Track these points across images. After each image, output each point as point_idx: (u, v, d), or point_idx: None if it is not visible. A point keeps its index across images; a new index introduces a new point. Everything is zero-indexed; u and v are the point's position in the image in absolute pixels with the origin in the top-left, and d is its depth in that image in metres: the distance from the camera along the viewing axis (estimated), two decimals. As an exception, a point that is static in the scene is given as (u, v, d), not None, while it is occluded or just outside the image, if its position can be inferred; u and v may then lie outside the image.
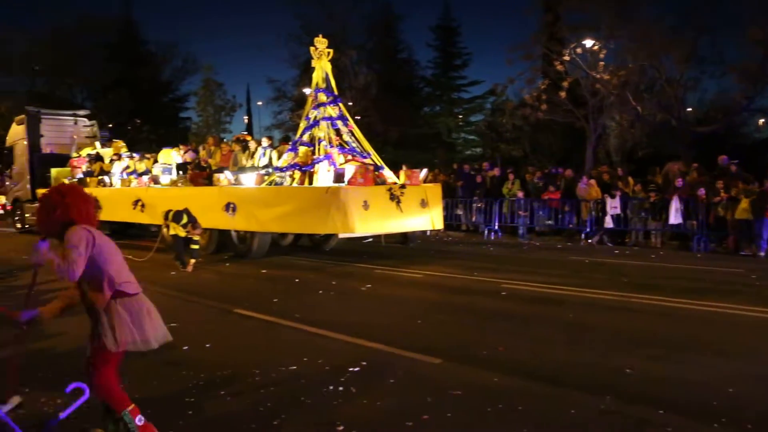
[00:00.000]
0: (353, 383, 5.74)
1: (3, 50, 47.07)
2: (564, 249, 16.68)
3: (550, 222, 19.31)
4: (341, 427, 4.74)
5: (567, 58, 26.73)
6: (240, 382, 5.88)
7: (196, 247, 13.42)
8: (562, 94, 26.77)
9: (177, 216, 13.29)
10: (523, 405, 5.15)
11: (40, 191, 22.53)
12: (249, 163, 16.12)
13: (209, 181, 15.91)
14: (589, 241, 17.70)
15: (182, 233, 13.31)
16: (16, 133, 25.04)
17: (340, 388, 5.61)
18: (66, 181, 21.13)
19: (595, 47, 25.77)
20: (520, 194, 19.59)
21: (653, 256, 14.94)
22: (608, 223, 17.43)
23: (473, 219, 21.08)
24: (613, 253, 15.58)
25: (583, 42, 25.92)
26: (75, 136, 24.57)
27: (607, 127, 30.76)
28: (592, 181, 18.48)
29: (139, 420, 4.32)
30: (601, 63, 25.77)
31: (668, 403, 5.14)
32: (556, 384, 5.68)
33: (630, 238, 17.70)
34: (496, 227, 19.73)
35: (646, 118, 27.31)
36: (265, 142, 16.62)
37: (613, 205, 17.31)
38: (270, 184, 14.80)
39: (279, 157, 15.64)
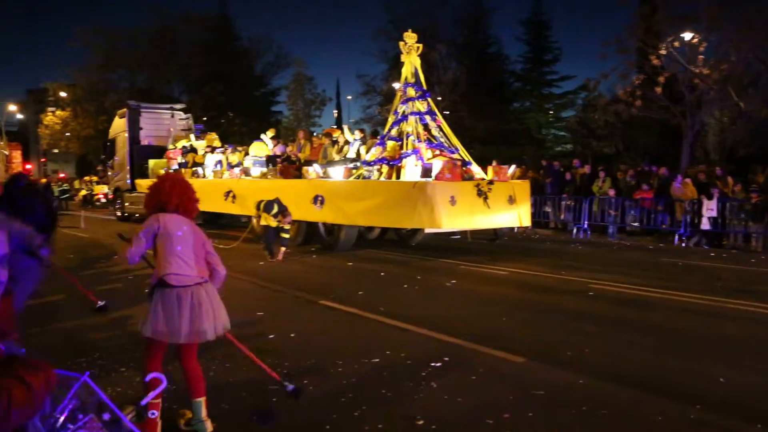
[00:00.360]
0: (434, 378, 5.74)
1: (110, 48, 49.23)
2: (656, 250, 16.15)
3: (635, 224, 18.69)
4: (421, 422, 4.75)
5: (664, 51, 25.83)
6: (323, 372, 5.97)
7: (286, 236, 13.69)
8: (658, 89, 25.87)
9: (268, 206, 13.57)
10: (607, 409, 5.02)
11: (138, 181, 23.50)
12: (338, 157, 16.30)
13: (299, 174, 16.18)
14: (683, 245, 17.05)
15: (273, 223, 13.60)
16: (118, 126, 26.18)
17: (422, 383, 5.62)
18: (161, 172, 21.92)
19: (695, 40, 24.79)
20: (611, 192, 19.07)
21: (753, 261, 14.29)
22: (705, 224, 16.79)
23: (562, 217, 20.68)
24: (709, 256, 14.97)
25: (682, 35, 24.97)
26: (171, 129, 25.44)
27: (705, 124, 29.54)
28: (688, 181, 17.83)
29: (152, 414, 4.39)
30: (701, 56, 24.78)
31: (766, 417, 4.90)
32: (644, 389, 5.50)
33: (728, 241, 16.99)
34: (585, 226, 19.29)
35: (750, 114, 26.08)
36: (357, 134, 16.80)
37: (709, 207, 16.65)
38: (358, 177, 14.92)
39: (367, 152, 15.75)
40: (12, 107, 61.80)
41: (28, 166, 50.48)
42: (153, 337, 4.40)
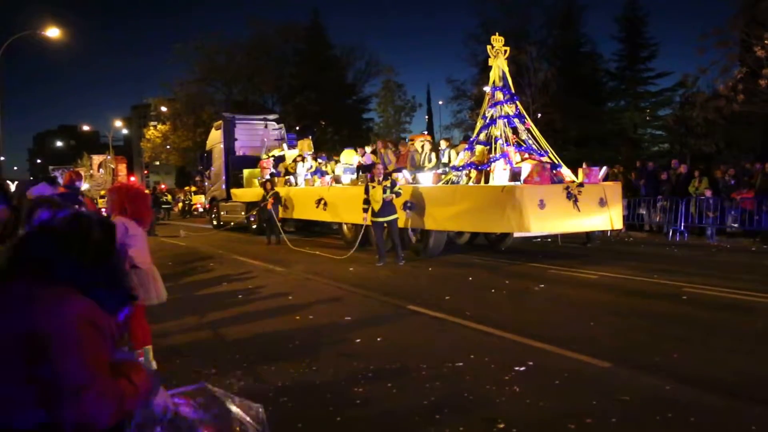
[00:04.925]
0: (517, 382, 5.74)
1: (207, 62, 51.12)
2: (758, 252, 15.44)
3: (735, 225, 17.91)
4: (502, 425, 4.77)
5: (769, 42, 24.65)
6: (407, 375, 6.06)
7: None
8: (762, 82, 24.76)
9: None
10: (695, 416, 4.88)
11: (234, 191, 24.26)
12: (428, 165, 16.40)
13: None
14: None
15: None
16: (214, 137, 27.15)
17: (504, 387, 5.63)
18: (256, 182, 22.57)
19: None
20: (708, 193, 18.35)
21: None
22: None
23: (657, 219, 20.05)
24: (817, 258, 14.23)
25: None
26: (265, 139, 26.15)
27: (815, 119, 28.03)
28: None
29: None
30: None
31: None
32: (736, 397, 5.32)
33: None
34: (682, 228, 18.65)
35: None
36: (443, 144, 16.87)
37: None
38: (446, 183, 14.97)
39: (456, 156, 15.79)
40: (117, 123, 64.99)
41: (132, 178, 52.84)
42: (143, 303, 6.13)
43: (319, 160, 20.87)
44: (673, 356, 6.46)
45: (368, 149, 19.91)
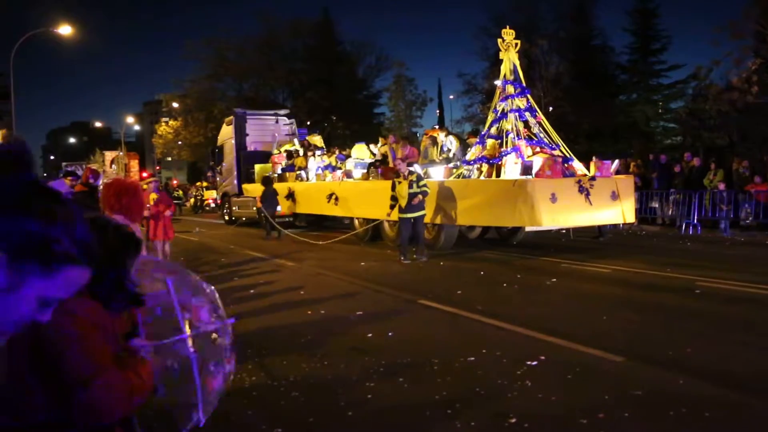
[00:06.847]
0: (529, 377, 5.71)
1: (218, 58, 51.19)
2: (773, 245, 15.35)
3: (749, 220, 17.75)
4: (513, 420, 4.75)
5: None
6: (418, 370, 6.04)
7: None
8: (778, 73, 24.53)
9: None
10: (710, 412, 4.84)
11: (246, 186, 24.30)
12: (440, 158, 16.35)
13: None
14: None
15: None
16: (226, 133, 27.21)
17: (516, 381, 5.61)
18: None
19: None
20: (722, 186, 18.19)
21: None
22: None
23: (670, 212, 19.90)
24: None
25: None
26: (276, 134, 26.17)
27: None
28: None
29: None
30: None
31: None
32: (752, 393, 5.26)
33: None
34: (695, 221, 18.50)
35: None
36: (439, 135, 16.88)
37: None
38: (458, 177, 14.93)
39: (457, 147, 15.78)
40: (129, 119, 65.31)
41: (144, 174, 53.10)
42: None
43: (338, 160, 20.74)
44: (686, 350, 6.42)
45: (381, 143, 19.89)
